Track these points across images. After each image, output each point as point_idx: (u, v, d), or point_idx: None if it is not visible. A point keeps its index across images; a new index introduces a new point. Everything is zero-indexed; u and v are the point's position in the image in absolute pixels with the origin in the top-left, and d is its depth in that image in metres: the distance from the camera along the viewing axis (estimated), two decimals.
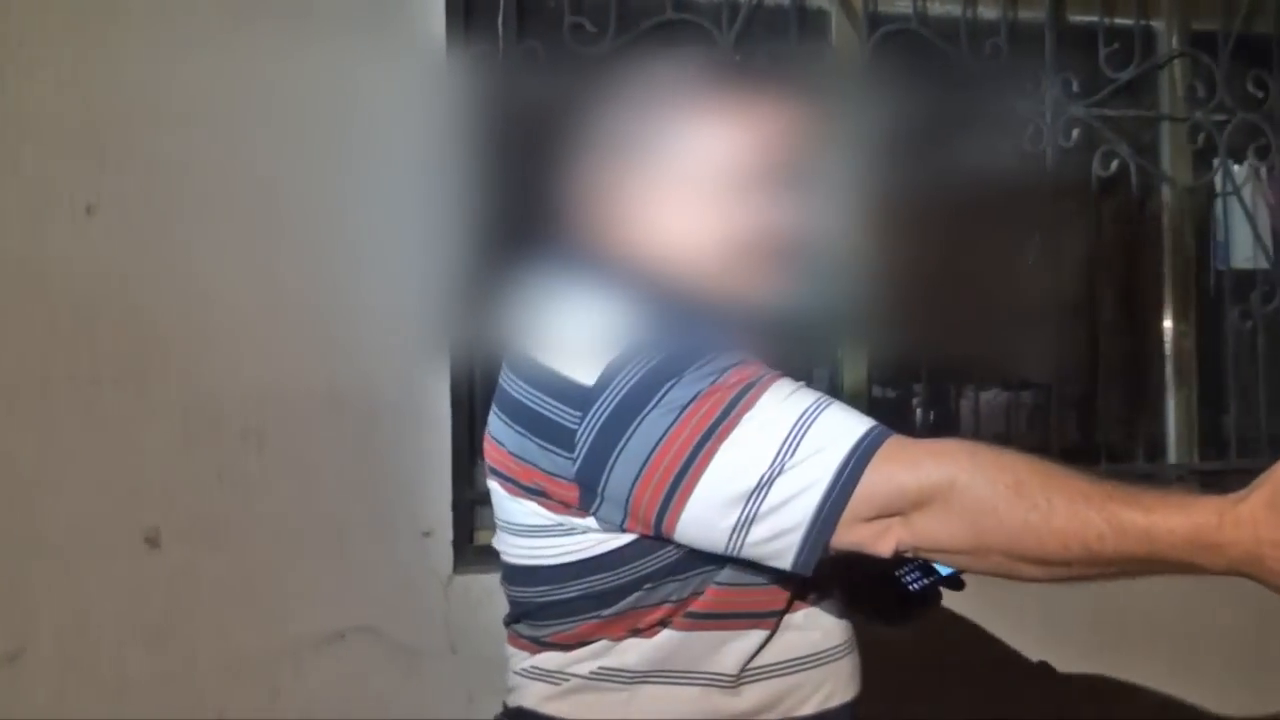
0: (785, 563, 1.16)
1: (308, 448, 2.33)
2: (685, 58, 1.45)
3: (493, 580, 2.30)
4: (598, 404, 1.17)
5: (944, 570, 1.46)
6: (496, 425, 1.33)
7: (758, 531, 1.15)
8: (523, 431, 1.26)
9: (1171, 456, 3.03)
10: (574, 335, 1.23)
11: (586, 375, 1.18)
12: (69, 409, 2.24)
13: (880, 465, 1.13)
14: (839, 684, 1.35)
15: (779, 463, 1.13)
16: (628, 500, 1.19)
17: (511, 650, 1.41)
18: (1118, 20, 2.91)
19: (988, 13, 2.83)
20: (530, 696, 1.35)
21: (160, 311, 2.28)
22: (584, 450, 1.19)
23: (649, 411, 1.16)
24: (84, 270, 2.24)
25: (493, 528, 2.38)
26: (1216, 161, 3.00)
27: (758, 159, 1.30)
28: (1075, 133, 2.87)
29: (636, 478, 1.17)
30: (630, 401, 1.17)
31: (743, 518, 1.15)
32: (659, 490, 1.16)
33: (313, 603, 2.32)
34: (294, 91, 2.36)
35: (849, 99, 2.71)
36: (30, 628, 2.22)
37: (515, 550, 1.35)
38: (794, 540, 1.14)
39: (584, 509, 1.23)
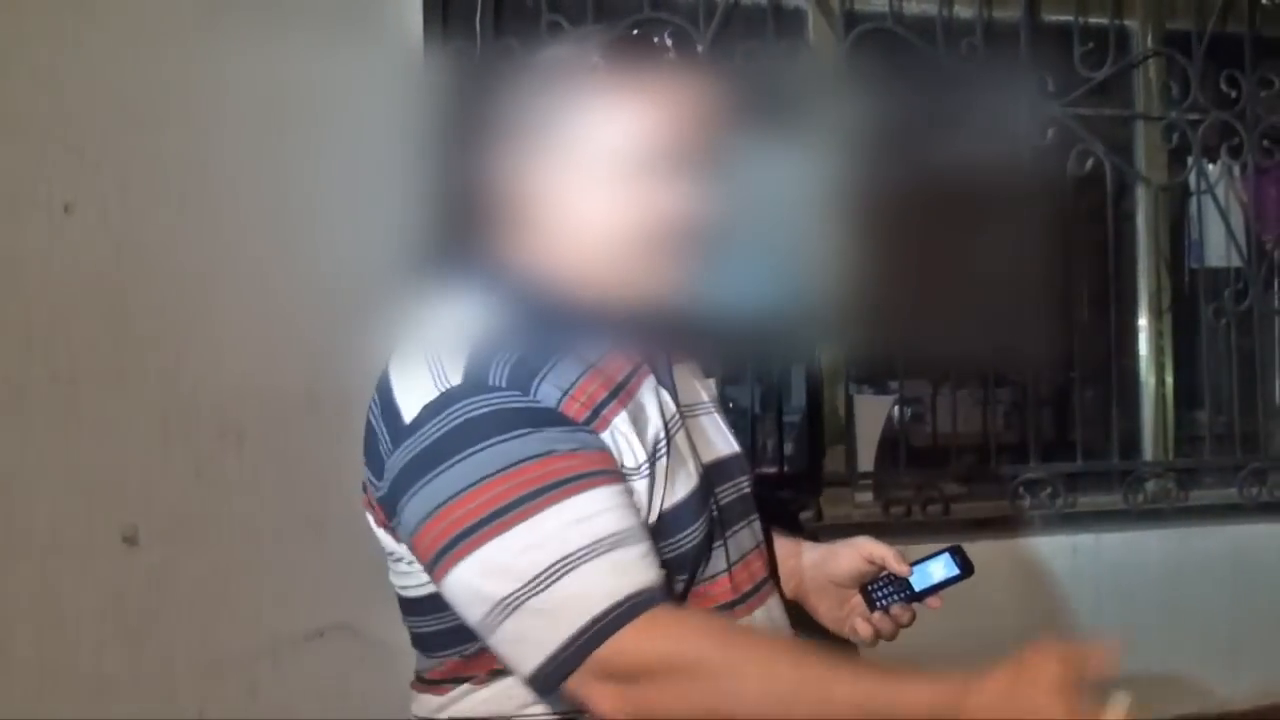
0: (522, 673, 1.15)
1: (286, 446, 2.35)
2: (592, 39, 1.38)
3: None
4: (410, 439, 1.17)
5: (916, 587, 1.49)
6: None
7: (508, 627, 1.13)
8: (367, 454, 1.27)
9: (1146, 454, 3.08)
10: (421, 356, 1.22)
11: (409, 408, 1.18)
12: (47, 408, 2.26)
13: (634, 631, 1.11)
14: None
15: (555, 571, 1.12)
16: (412, 537, 1.19)
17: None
18: (1092, 20, 2.97)
19: (964, 12, 2.88)
20: None
21: (138, 311, 2.30)
22: (390, 478, 1.20)
23: (462, 459, 1.14)
24: (62, 269, 2.27)
25: None
26: (1191, 160, 3.05)
27: (657, 141, 1.25)
28: (1050, 131, 2.91)
29: (426, 517, 1.16)
30: (443, 445, 1.15)
31: (503, 605, 1.13)
32: (441, 538, 1.15)
33: (291, 601, 2.35)
34: (271, 89, 2.38)
35: (826, 97, 2.75)
36: (8, 627, 2.24)
37: (393, 580, 1.34)
38: (535, 658, 1.13)
39: (397, 538, 1.24)
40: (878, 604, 1.50)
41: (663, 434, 1.25)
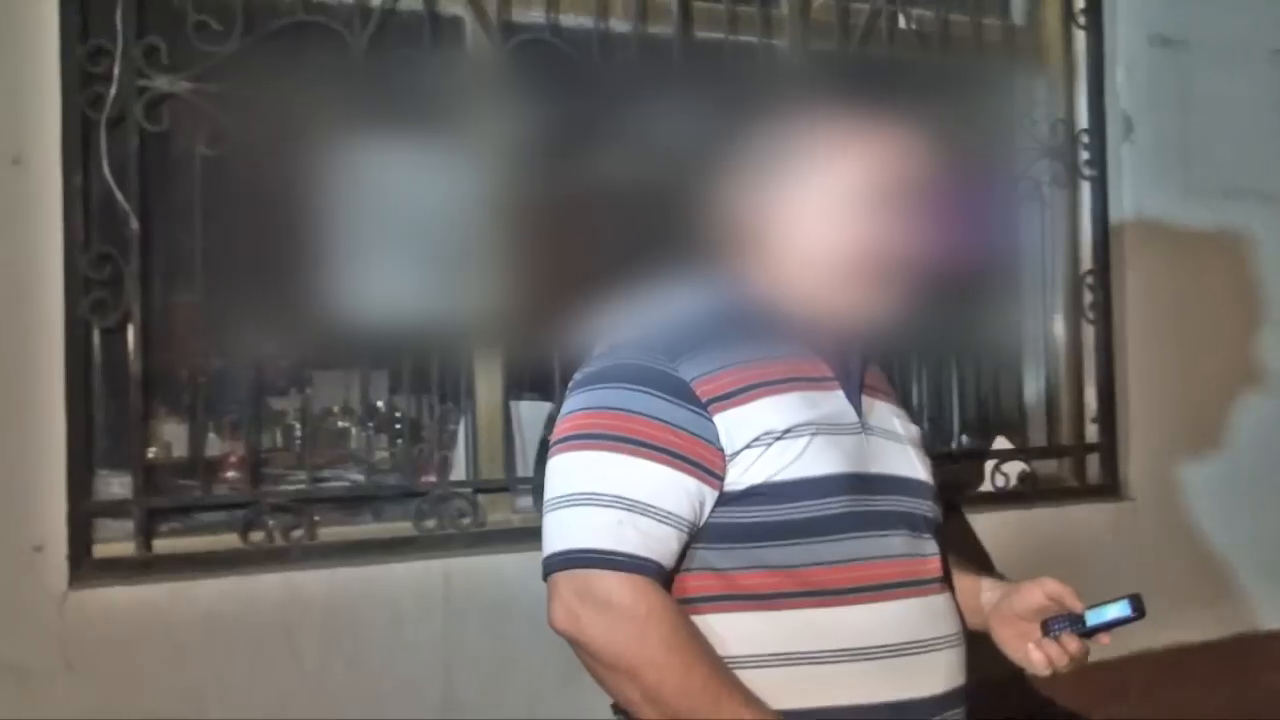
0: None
1: None
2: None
3: (113, 595, 2.42)
4: (587, 366, 1.80)
5: (1089, 623, 1.80)
6: None
7: (548, 516, 1.67)
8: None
9: None
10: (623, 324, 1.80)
11: (598, 349, 1.82)
12: None
13: (615, 579, 1.56)
14: (908, 678, 1.70)
15: (590, 498, 1.61)
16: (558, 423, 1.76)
17: None
18: (743, 38, 3.26)
19: (620, 27, 3.11)
20: None
21: None
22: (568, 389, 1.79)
23: (601, 386, 1.69)
24: None
25: (111, 540, 2.49)
26: None
27: (874, 180, 1.70)
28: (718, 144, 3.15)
29: (565, 414, 1.73)
30: (596, 373, 1.74)
31: (552, 500, 1.67)
32: (560, 432, 1.71)
33: None
34: None
35: (483, 106, 2.92)
36: None
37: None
38: (545, 549, 1.65)
39: None
40: (1051, 632, 1.83)
41: (813, 424, 1.67)
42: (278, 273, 2.81)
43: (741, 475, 1.63)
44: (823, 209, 1.70)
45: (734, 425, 1.62)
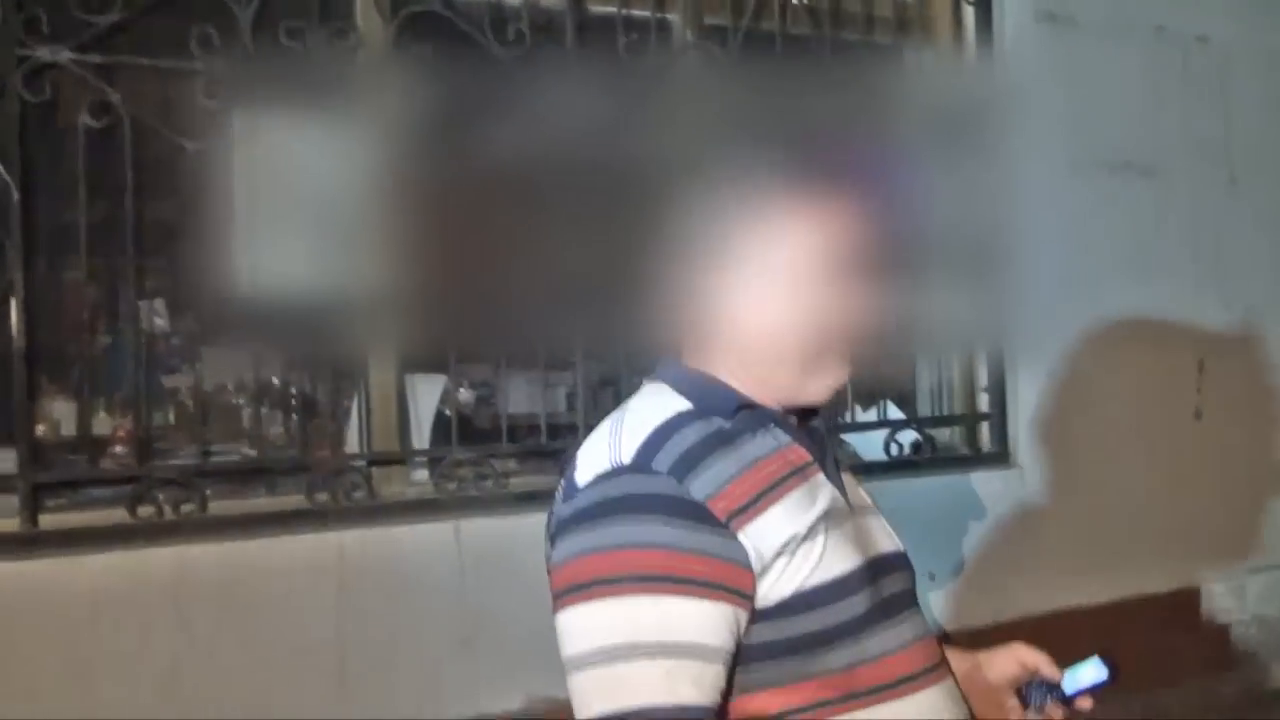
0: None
1: None
2: None
3: None
4: (577, 498, 1.47)
5: (1067, 690, 1.76)
6: None
7: (573, 680, 1.42)
8: (548, 522, 1.55)
9: None
10: (606, 437, 1.51)
11: (585, 476, 1.48)
12: None
13: None
14: None
15: (621, 651, 1.39)
16: (552, 572, 1.48)
17: None
18: (636, 12, 3.30)
19: None
20: None
21: None
22: (554, 527, 1.50)
23: (605, 523, 1.43)
24: None
25: None
26: None
27: (831, 251, 1.53)
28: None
29: (563, 560, 1.46)
30: (596, 508, 1.45)
31: (574, 660, 1.42)
32: (563, 581, 1.45)
33: None
34: None
35: (372, 79, 2.93)
36: None
37: None
38: (580, 714, 1.41)
39: None
40: (1032, 704, 1.78)
41: (822, 519, 1.52)
42: (167, 248, 2.81)
43: (771, 589, 1.48)
44: (779, 287, 1.55)
45: (759, 539, 1.47)
